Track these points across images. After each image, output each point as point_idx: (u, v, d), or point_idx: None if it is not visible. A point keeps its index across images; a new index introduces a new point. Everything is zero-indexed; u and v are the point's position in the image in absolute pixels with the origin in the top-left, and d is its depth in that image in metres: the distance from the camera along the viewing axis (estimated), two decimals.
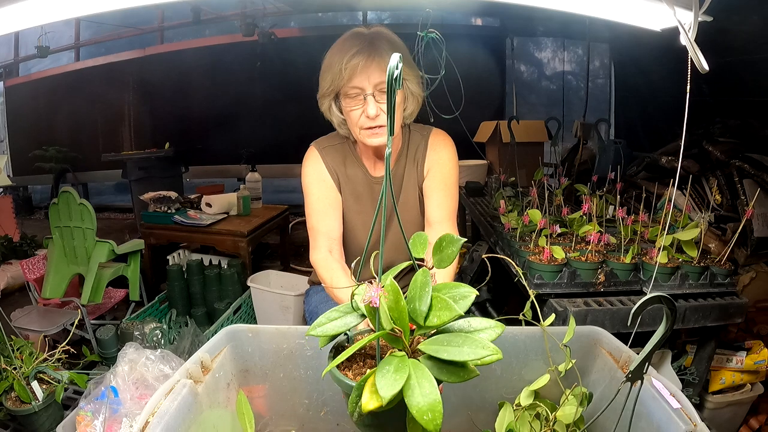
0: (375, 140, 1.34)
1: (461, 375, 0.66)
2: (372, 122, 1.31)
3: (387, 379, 0.61)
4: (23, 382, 1.53)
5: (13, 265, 3.37)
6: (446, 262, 0.76)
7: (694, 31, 0.91)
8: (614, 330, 1.12)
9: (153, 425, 0.78)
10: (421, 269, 0.73)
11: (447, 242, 0.77)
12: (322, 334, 0.74)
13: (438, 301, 0.68)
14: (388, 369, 0.62)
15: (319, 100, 1.43)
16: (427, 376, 0.62)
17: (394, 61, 0.59)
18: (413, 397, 0.60)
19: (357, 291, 0.75)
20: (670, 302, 0.63)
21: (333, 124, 1.48)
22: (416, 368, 0.63)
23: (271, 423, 1.17)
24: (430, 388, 0.61)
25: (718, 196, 2.57)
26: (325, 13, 6.00)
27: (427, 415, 0.59)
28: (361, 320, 0.74)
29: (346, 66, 1.29)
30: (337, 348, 0.82)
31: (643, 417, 0.86)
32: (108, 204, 6.27)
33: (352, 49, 1.30)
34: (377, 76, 1.29)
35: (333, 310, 0.77)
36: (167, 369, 1.35)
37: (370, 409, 0.63)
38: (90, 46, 6.26)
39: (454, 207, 1.50)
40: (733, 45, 2.54)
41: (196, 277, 2.74)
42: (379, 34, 1.34)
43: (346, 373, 0.76)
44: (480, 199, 2.93)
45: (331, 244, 1.44)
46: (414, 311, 0.69)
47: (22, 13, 1.12)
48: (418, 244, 0.81)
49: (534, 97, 5.95)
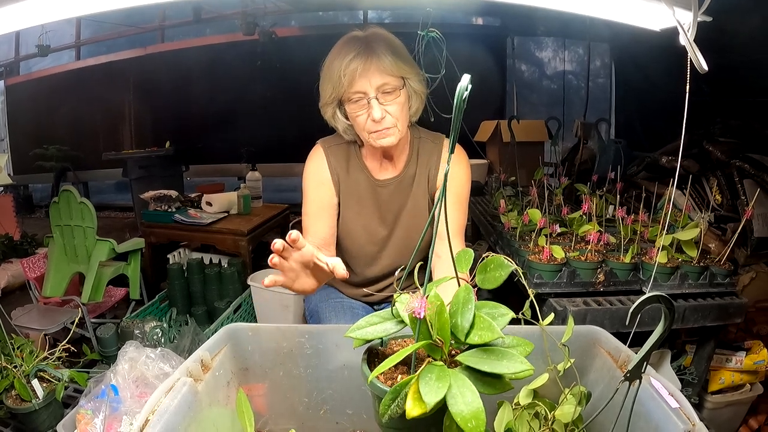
0: (384, 141, 1.34)
1: (497, 387, 0.68)
2: (378, 125, 1.31)
3: (431, 386, 0.63)
4: (23, 380, 1.53)
5: (13, 264, 3.37)
6: (492, 284, 0.79)
7: (693, 32, 0.91)
8: (613, 330, 1.13)
9: (153, 423, 0.78)
10: (464, 285, 0.74)
11: (495, 265, 0.80)
12: (361, 338, 0.77)
13: (480, 321, 0.70)
14: (431, 377, 0.65)
15: (322, 108, 1.42)
16: (469, 386, 0.64)
17: (465, 82, 0.59)
18: (456, 405, 0.62)
19: (399, 299, 0.77)
20: (668, 301, 0.64)
21: (338, 131, 1.47)
22: (456, 378, 0.65)
23: (270, 421, 1.17)
24: (472, 396, 0.63)
25: (718, 196, 2.57)
26: (326, 12, 5.99)
27: (471, 423, 0.61)
28: (400, 327, 0.76)
29: (345, 72, 1.28)
30: (370, 351, 0.84)
31: (641, 416, 0.86)
32: (108, 203, 6.27)
33: (349, 54, 1.28)
34: (378, 78, 1.28)
35: (373, 315, 0.80)
36: (167, 367, 1.36)
37: (413, 416, 0.64)
38: (90, 45, 6.26)
39: (464, 221, 1.50)
40: (733, 45, 2.54)
41: (196, 275, 2.74)
42: (375, 35, 1.33)
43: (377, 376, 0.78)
44: (480, 198, 2.93)
45: (317, 245, 1.45)
46: (456, 326, 0.71)
47: (22, 13, 1.12)
48: (463, 260, 0.83)
49: (534, 97, 5.94)
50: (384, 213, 1.52)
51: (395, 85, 1.30)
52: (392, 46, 1.32)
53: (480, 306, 0.74)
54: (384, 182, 1.50)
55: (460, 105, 0.60)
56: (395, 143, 1.36)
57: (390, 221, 1.53)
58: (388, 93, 1.29)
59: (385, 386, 0.73)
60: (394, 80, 1.29)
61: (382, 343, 0.85)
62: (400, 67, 1.30)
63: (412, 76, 1.35)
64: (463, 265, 0.83)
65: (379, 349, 0.86)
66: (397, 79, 1.30)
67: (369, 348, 0.85)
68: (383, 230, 1.54)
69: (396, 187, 1.50)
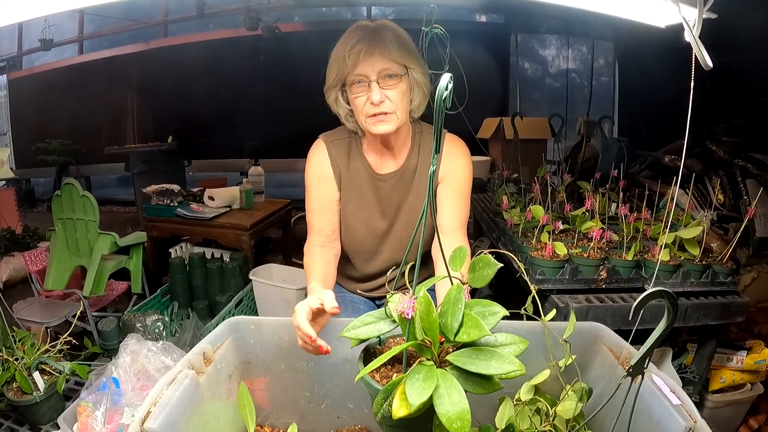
0: (382, 126, 1.34)
1: (486, 387, 0.68)
2: (377, 108, 1.32)
3: (416, 387, 0.63)
4: (25, 372, 1.53)
5: (15, 257, 3.38)
6: (484, 282, 0.79)
7: (698, 28, 0.91)
8: (615, 327, 1.13)
9: (155, 415, 0.79)
10: (455, 284, 0.74)
11: (483, 264, 0.80)
12: (354, 337, 0.78)
13: (469, 319, 0.70)
14: (418, 378, 0.65)
15: (326, 92, 1.43)
16: (456, 386, 0.64)
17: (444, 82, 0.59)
18: (443, 405, 0.62)
19: (391, 299, 0.77)
20: (671, 297, 0.64)
21: (340, 118, 1.48)
22: (444, 378, 0.65)
23: (272, 415, 1.17)
24: (458, 397, 0.63)
25: (721, 196, 2.57)
26: (330, 8, 5.99)
27: (456, 423, 0.61)
28: (394, 327, 0.77)
29: (350, 53, 1.30)
30: (367, 350, 0.85)
31: (643, 413, 0.86)
32: (110, 197, 6.28)
33: (355, 38, 1.32)
34: (381, 63, 1.30)
35: (368, 314, 0.81)
36: (169, 361, 1.36)
37: (400, 416, 0.65)
38: (93, 40, 6.26)
39: (467, 216, 1.50)
40: (737, 43, 2.53)
41: (198, 270, 2.74)
42: (383, 25, 1.35)
43: (373, 374, 0.79)
44: (482, 195, 2.93)
45: (323, 241, 1.48)
46: (445, 325, 0.71)
47: (25, 4, 1.12)
48: (457, 258, 0.83)
49: (537, 94, 5.93)
50: (385, 207, 1.53)
51: (397, 72, 1.31)
52: (398, 36, 1.34)
53: (472, 304, 0.74)
54: (385, 176, 1.50)
55: (440, 105, 0.60)
56: (392, 131, 1.36)
57: (391, 215, 1.53)
58: (389, 78, 1.31)
59: (378, 385, 0.74)
60: (396, 67, 1.31)
61: (380, 341, 0.85)
62: (404, 56, 1.32)
63: (416, 66, 1.36)
64: (457, 264, 0.83)
65: (377, 348, 0.87)
66: (400, 66, 1.32)
67: (367, 346, 0.85)
68: (384, 224, 1.54)
69: (397, 181, 1.50)
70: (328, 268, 1.42)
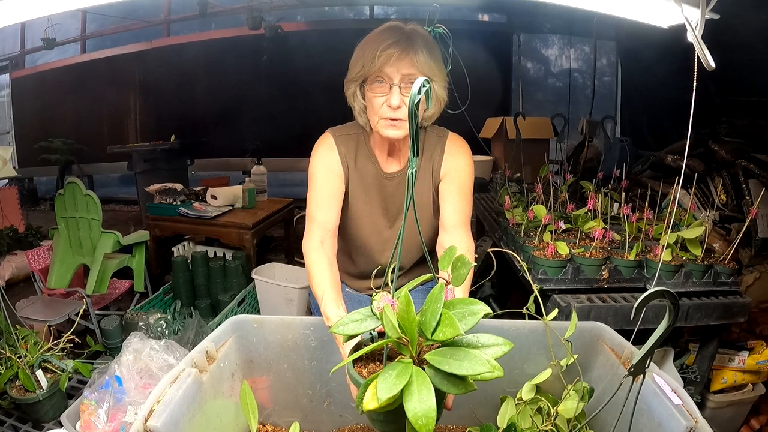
0: (392, 132, 1.34)
1: (460, 387, 0.69)
2: (393, 113, 1.32)
3: (387, 383, 0.64)
4: (28, 370, 1.54)
5: (18, 256, 3.40)
6: (460, 281, 0.81)
7: (701, 28, 0.91)
8: (617, 327, 1.13)
9: (158, 413, 0.79)
10: (439, 284, 0.75)
11: (460, 263, 0.81)
12: (342, 333, 0.79)
13: (446, 318, 0.71)
14: (391, 374, 0.65)
15: (346, 84, 1.44)
16: (427, 385, 0.65)
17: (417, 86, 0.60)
18: (411, 402, 0.63)
19: (375, 297, 0.78)
20: (673, 296, 0.64)
21: (353, 111, 1.48)
22: (419, 376, 0.66)
23: (274, 414, 1.18)
24: (427, 395, 0.64)
25: (723, 196, 2.56)
26: (332, 8, 5.99)
27: (422, 420, 0.62)
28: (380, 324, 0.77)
29: (381, 54, 1.30)
30: (359, 346, 0.87)
31: (644, 413, 0.86)
32: (113, 196, 6.29)
33: (389, 39, 1.31)
34: (407, 69, 1.30)
35: (356, 312, 0.82)
36: (171, 359, 1.36)
37: (369, 409, 0.66)
38: (96, 39, 6.27)
39: (469, 212, 1.50)
40: (740, 44, 2.53)
41: (200, 268, 2.75)
42: (416, 31, 1.35)
43: (360, 369, 0.81)
44: (485, 195, 2.93)
45: (324, 235, 1.43)
46: (424, 324, 0.72)
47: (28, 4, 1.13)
48: (446, 258, 0.84)
49: (540, 94, 5.92)
50: (388, 205, 1.53)
51: None
52: (429, 46, 1.34)
53: (456, 303, 0.75)
54: (390, 175, 1.51)
55: (413, 108, 0.61)
56: (401, 138, 1.36)
57: (393, 214, 1.53)
58: (411, 85, 1.30)
59: (361, 379, 0.75)
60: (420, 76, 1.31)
61: (372, 338, 0.86)
62: (431, 67, 1.33)
63: (439, 80, 1.37)
64: (445, 264, 0.83)
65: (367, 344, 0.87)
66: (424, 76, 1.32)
67: (359, 342, 0.87)
68: (387, 223, 1.54)
69: (401, 181, 1.50)
70: (333, 272, 1.34)
